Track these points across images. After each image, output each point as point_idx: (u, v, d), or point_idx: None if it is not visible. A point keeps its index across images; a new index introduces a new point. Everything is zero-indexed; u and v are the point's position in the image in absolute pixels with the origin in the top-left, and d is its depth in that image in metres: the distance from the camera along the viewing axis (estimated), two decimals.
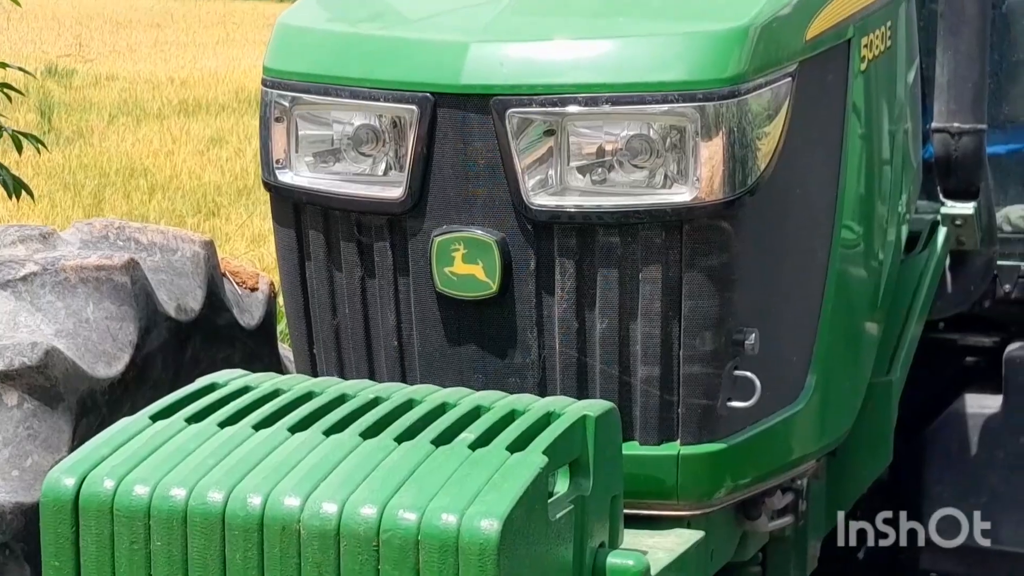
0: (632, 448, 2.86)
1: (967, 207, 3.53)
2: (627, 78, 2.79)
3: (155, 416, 2.68)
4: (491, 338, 2.90)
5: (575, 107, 2.78)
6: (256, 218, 10.53)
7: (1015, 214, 3.98)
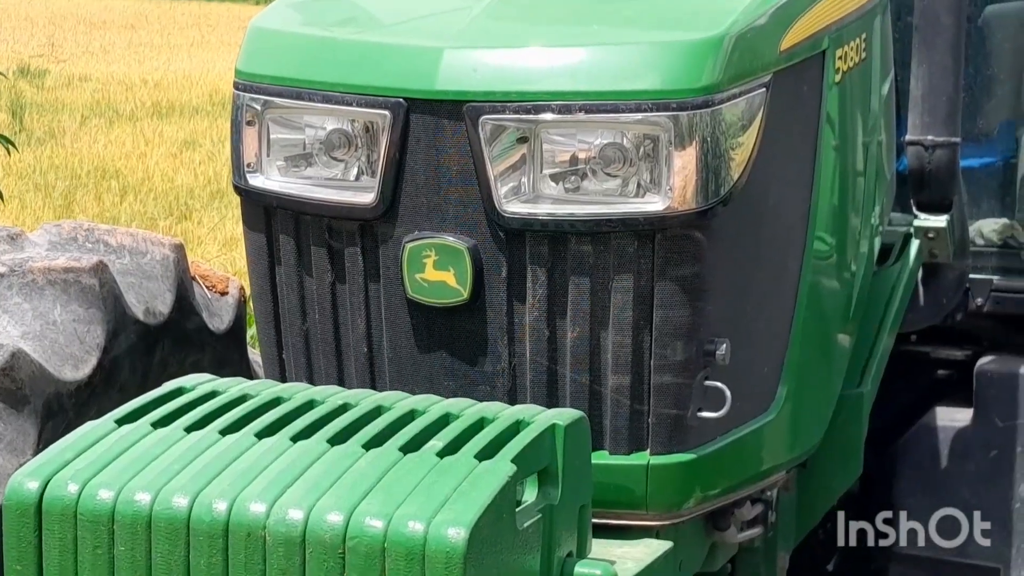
0: (601, 457, 2.86)
1: (940, 220, 3.54)
2: (601, 86, 2.79)
3: (121, 420, 2.68)
4: (461, 345, 2.90)
5: (549, 115, 2.78)
6: (228, 221, 10.52)
7: (987, 227, 4.00)
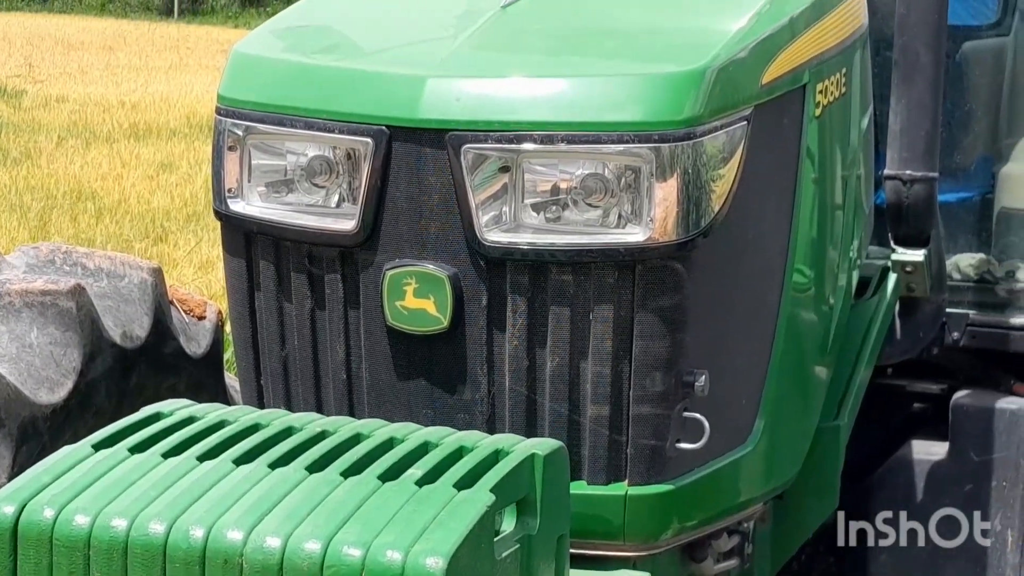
0: (580, 487, 2.86)
1: (917, 254, 3.56)
2: (583, 117, 2.80)
3: (98, 445, 2.66)
4: (441, 373, 2.90)
5: (531, 144, 2.78)
6: (205, 244, 10.48)
7: (964, 262, 4.02)
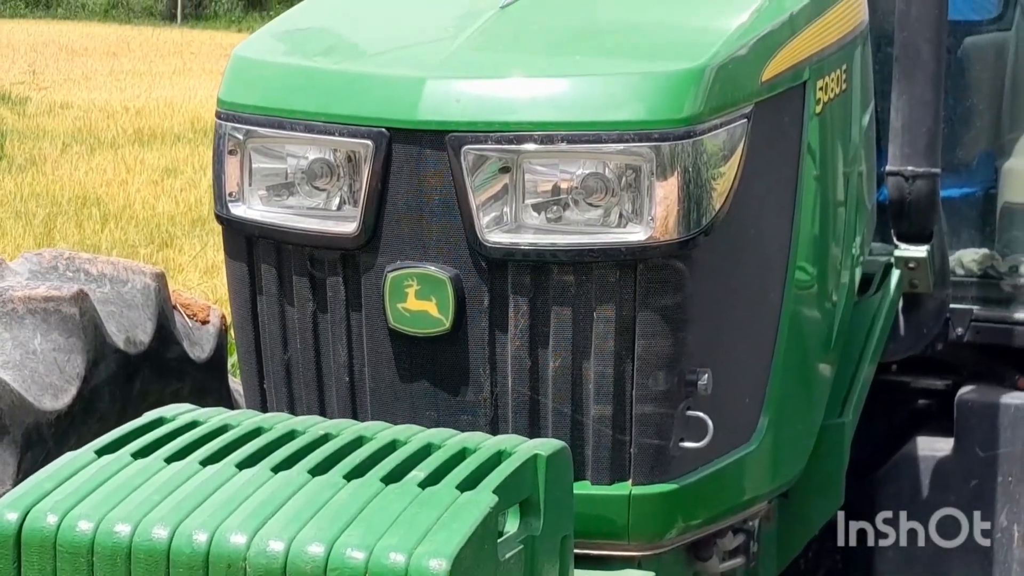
0: (583, 487, 2.85)
1: (920, 250, 3.55)
2: (583, 116, 2.80)
3: (101, 450, 2.66)
4: (443, 375, 2.90)
5: (531, 145, 2.78)
6: (210, 249, 10.48)
7: (968, 258, 4.01)
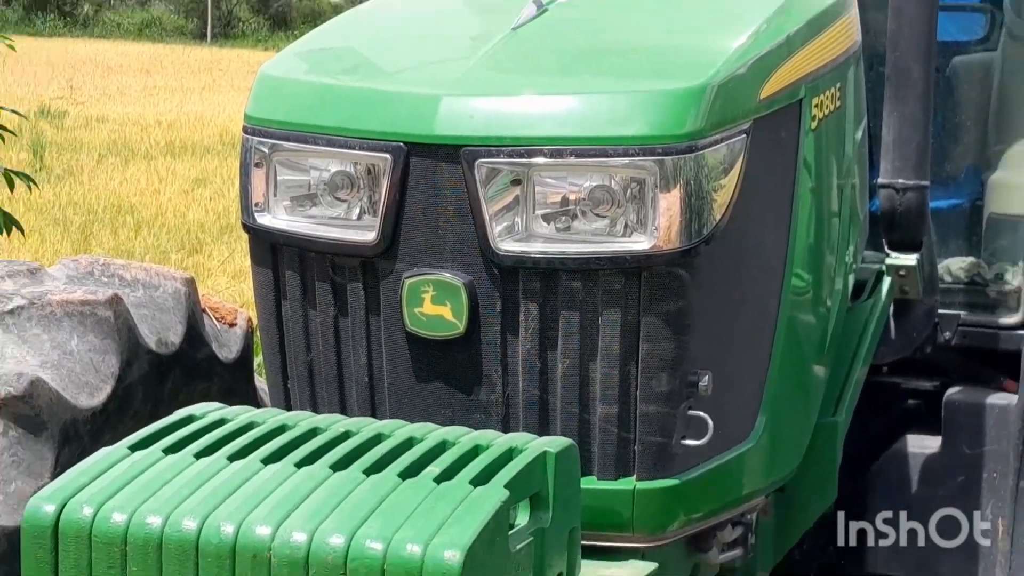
0: (590, 482, 2.85)
1: (910, 258, 3.55)
2: (591, 132, 2.80)
3: (134, 446, 2.67)
4: (457, 376, 2.90)
5: (541, 158, 2.79)
6: (237, 255, 10.50)
7: (955, 265, 4.01)
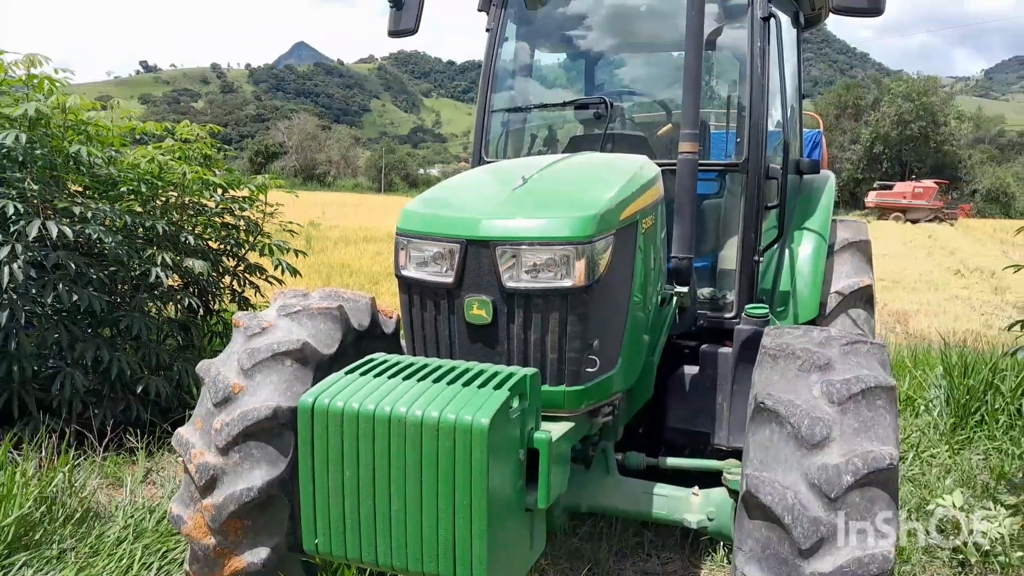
0: (545, 387, 2.83)
1: (684, 288, 3.51)
2: (547, 235, 2.78)
3: (349, 371, 2.65)
4: (488, 342, 2.86)
5: (524, 246, 2.76)
6: (393, 287, 10.41)
7: (704, 291, 3.96)
